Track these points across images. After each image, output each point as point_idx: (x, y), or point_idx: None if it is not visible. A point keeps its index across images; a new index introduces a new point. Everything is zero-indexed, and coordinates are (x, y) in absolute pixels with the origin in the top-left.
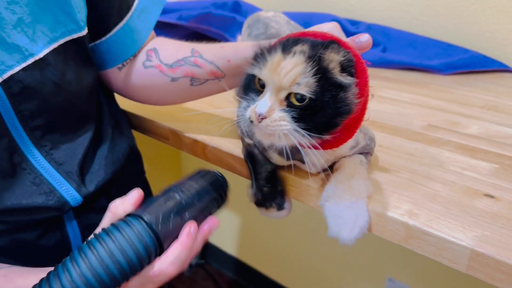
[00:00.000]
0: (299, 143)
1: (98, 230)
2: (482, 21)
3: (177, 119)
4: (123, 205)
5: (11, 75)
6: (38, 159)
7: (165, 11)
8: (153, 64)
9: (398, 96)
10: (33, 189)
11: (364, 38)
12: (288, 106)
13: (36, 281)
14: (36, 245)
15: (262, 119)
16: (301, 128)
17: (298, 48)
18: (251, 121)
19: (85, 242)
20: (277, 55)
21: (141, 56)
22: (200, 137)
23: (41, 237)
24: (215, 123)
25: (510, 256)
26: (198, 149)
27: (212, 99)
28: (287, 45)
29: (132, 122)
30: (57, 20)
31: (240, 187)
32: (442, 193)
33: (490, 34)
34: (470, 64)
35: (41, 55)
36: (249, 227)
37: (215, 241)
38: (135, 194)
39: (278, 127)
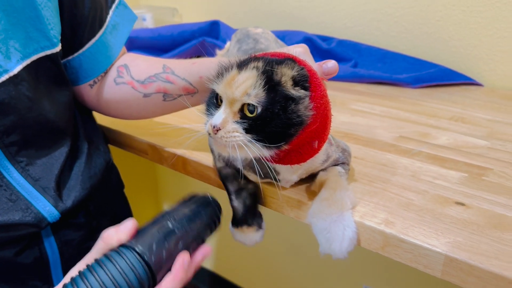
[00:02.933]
0: (259, 155)
1: (88, 259)
2: (447, 36)
3: (156, 133)
4: (116, 234)
5: None
6: (13, 175)
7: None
8: (125, 80)
9: (370, 109)
10: (10, 205)
11: (331, 64)
12: (241, 118)
13: None
14: (14, 262)
15: (217, 130)
16: (254, 139)
17: (252, 64)
18: (209, 134)
19: (77, 274)
20: (233, 71)
21: (112, 73)
22: (180, 151)
23: (19, 254)
24: (186, 135)
25: (482, 260)
26: (178, 163)
27: (189, 113)
28: (243, 62)
29: (110, 137)
30: (29, 36)
31: (219, 200)
32: (415, 201)
33: (455, 49)
34: (437, 77)
35: (15, 71)
36: (224, 240)
37: None
38: (129, 225)
39: (232, 138)
